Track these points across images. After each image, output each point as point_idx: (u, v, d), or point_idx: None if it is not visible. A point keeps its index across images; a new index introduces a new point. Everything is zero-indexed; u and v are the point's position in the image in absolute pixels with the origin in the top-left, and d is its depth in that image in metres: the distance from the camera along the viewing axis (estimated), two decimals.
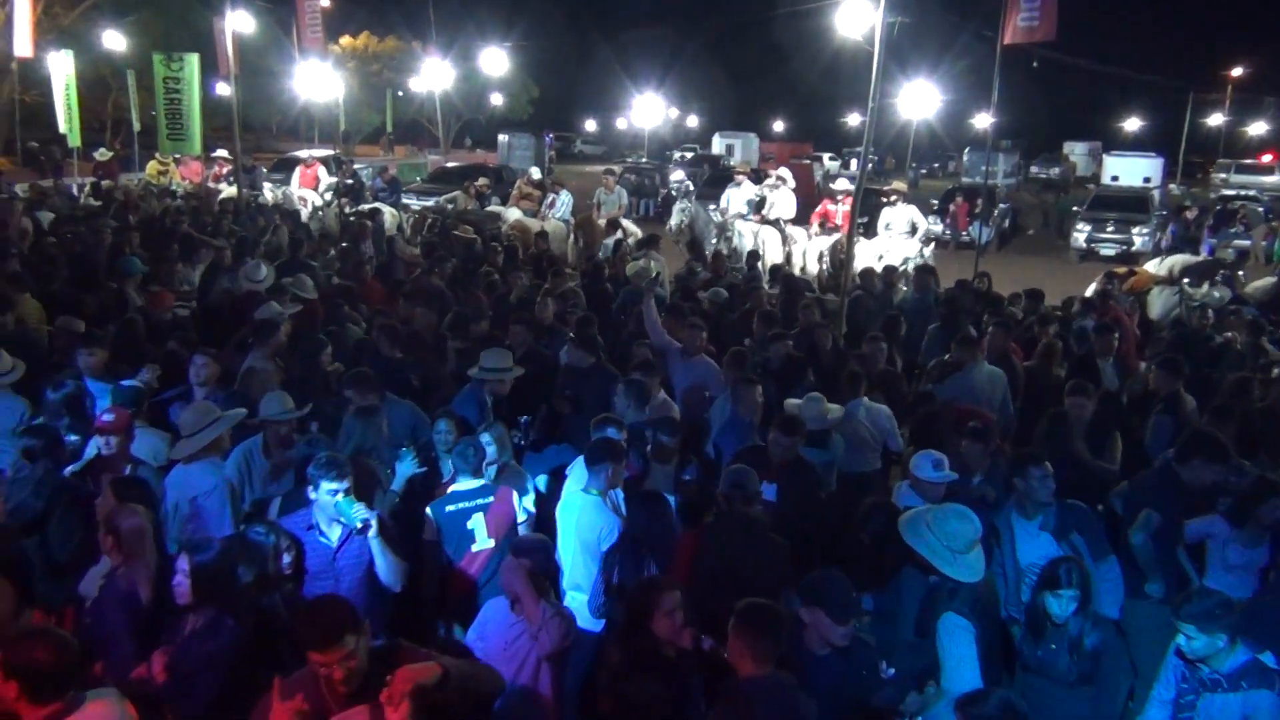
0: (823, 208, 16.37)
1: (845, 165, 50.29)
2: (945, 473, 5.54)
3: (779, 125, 74.35)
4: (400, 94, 49.74)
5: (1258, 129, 63.34)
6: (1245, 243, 23.21)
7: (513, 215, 17.37)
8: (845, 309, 10.78)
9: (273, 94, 39.55)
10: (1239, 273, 14.99)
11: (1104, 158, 44.49)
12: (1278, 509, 5.18)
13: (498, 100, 53.51)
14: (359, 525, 4.52)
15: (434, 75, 34.36)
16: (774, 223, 16.10)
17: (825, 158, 51.58)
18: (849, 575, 4.23)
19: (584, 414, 6.46)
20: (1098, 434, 6.71)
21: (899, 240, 15.29)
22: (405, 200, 21.46)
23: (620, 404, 6.33)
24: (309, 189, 19.10)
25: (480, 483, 5.40)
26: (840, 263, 12.52)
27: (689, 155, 48.31)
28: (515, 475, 5.78)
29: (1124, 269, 14.43)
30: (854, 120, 64.51)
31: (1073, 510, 5.26)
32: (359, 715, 3.28)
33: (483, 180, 21.55)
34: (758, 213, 16.31)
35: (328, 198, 18.85)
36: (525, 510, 5.54)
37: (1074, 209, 27.02)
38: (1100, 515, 5.73)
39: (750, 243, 15.35)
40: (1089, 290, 12.28)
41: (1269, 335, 10.04)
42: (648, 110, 50.04)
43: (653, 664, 4.02)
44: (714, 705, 3.85)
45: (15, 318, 8.30)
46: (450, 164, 30.79)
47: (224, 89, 25.43)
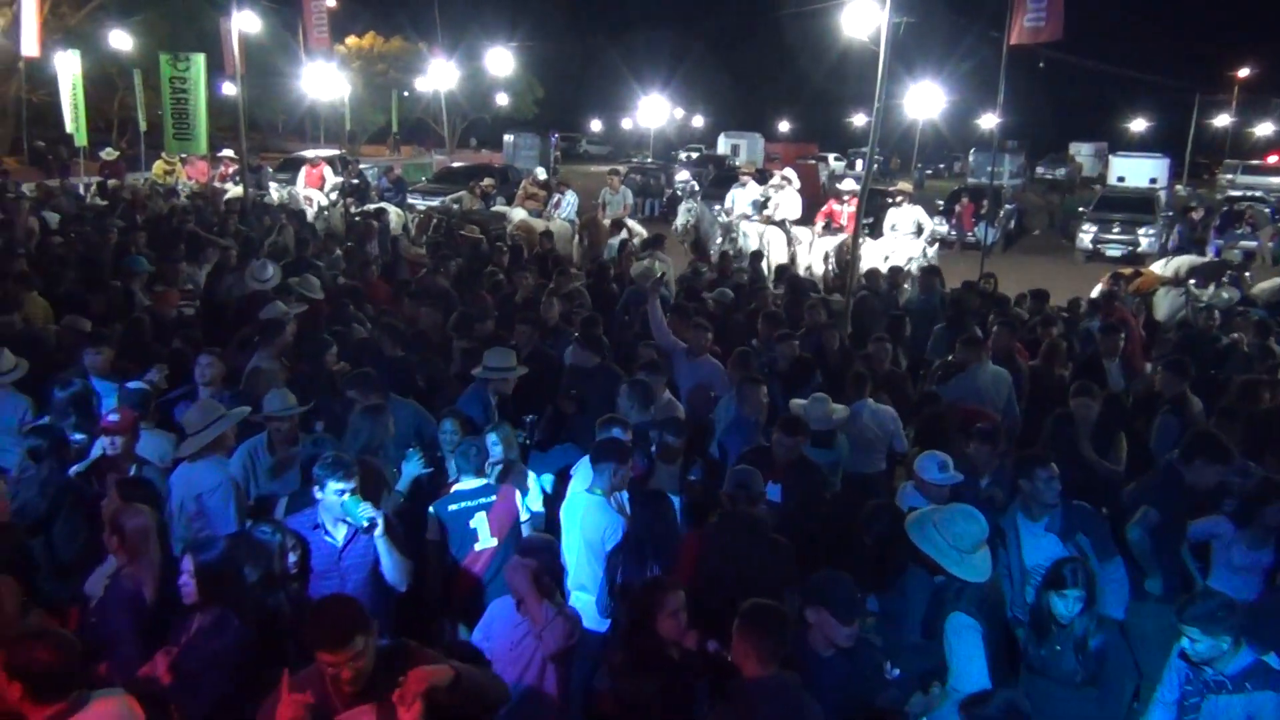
0: (828, 208, 16.35)
1: (850, 165, 50.15)
2: (950, 474, 5.52)
3: (784, 125, 74.21)
4: (406, 94, 49.92)
5: (1264, 130, 63.07)
6: (1252, 244, 23.11)
7: (518, 215, 17.36)
8: (850, 309, 10.77)
9: (279, 94, 39.66)
10: (1245, 274, 14.92)
11: (1110, 158, 44.47)
12: None
13: (503, 100, 53.58)
14: (365, 524, 4.54)
15: (439, 75, 34.41)
16: (779, 223, 16.08)
17: (830, 158, 51.49)
18: (853, 576, 4.22)
19: (589, 414, 6.46)
20: (1103, 435, 6.71)
21: (904, 241, 15.27)
22: (410, 200, 21.46)
23: (624, 404, 6.32)
24: (315, 189, 19.12)
25: (483, 482, 5.40)
26: (845, 263, 12.50)
27: (694, 155, 48.27)
28: (518, 474, 5.79)
29: (1130, 270, 14.40)
30: (859, 120, 64.57)
31: (1078, 511, 5.25)
32: (365, 714, 3.28)
33: (488, 180, 21.52)
34: (761, 213, 16.30)
35: (333, 197, 18.87)
36: (528, 509, 5.54)
37: (1080, 210, 26.96)
38: (1105, 516, 5.72)
39: (755, 243, 15.33)
40: (1094, 291, 12.25)
41: (1276, 336, 10.00)
42: (653, 110, 50.12)
43: (656, 664, 4.02)
44: (718, 706, 3.85)
45: (22, 317, 8.33)
46: (455, 164, 30.76)
47: (230, 89, 25.36)
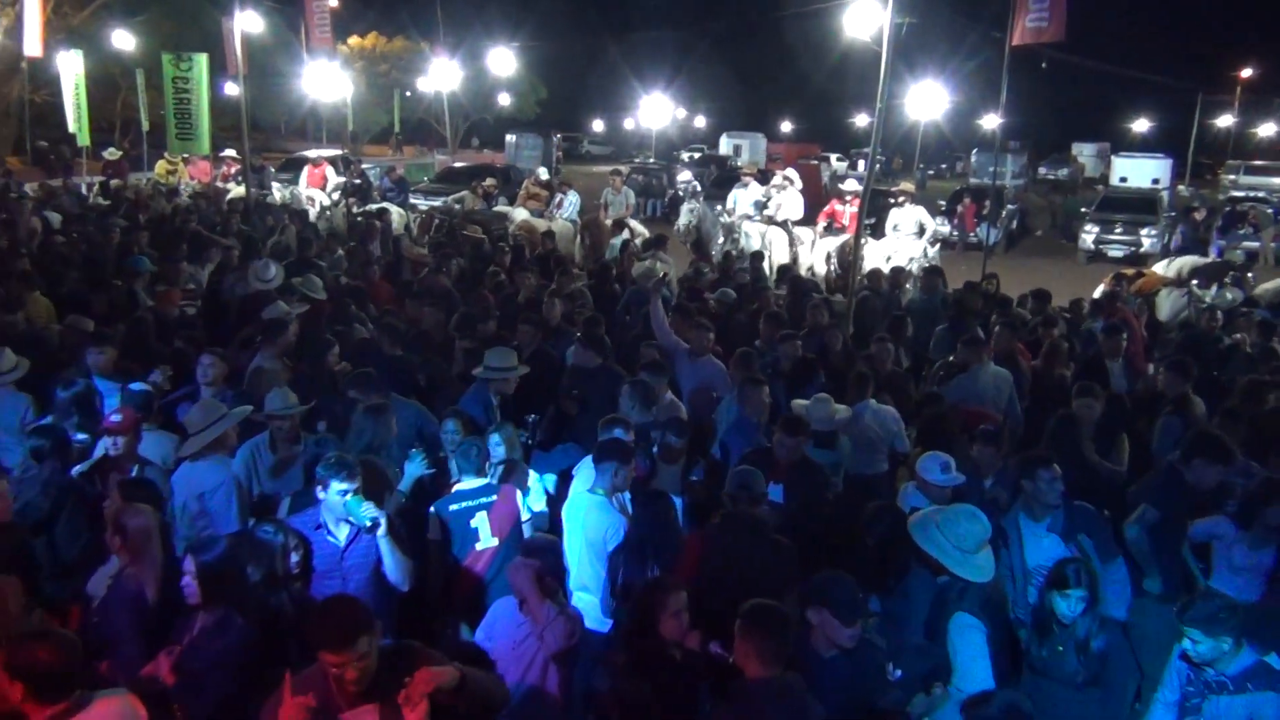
0: (830, 208, 16.36)
1: (853, 166, 50.09)
2: (953, 475, 5.52)
3: (786, 126, 74.16)
4: (408, 94, 49.90)
5: (1267, 130, 62.98)
6: (1254, 244, 23.07)
7: (520, 215, 17.37)
8: (852, 310, 10.76)
9: (281, 94, 39.60)
10: (1248, 274, 14.90)
11: (1112, 159, 44.47)
12: None
13: (505, 100, 53.55)
14: (368, 524, 4.54)
15: (442, 75, 34.34)
16: (781, 223, 16.09)
17: (833, 158, 51.45)
18: (855, 577, 4.22)
19: (591, 414, 6.45)
20: (1105, 436, 6.70)
21: (906, 241, 15.27)
22: (413, 200, 21.47)
23: (626, 405, 6.30)
24: (317, 189, 19.14)
25: (484, 482, 5.40)
26: (848, 263, 12.50)
27: (696, 156, 48.26)
28: (519, 474, 5.79)
29: (1132, 270, 14.40)
30: (862, 121, 64.47)
31: (1080, 512, 5.25)
32: (368, 714, 3.29)
33: (490, 180, 21.51)
34: (762, 213, 16.30)
35: (335, 197, 18.88)
36: (529, 509, 5.53)
37: (1082, 210, 26.93)
38: (1107, 518, 5.72)
39: (758, 243, 15.33)
40: (1097, 292, 12.24)
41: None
42: (655, 110, 50.02)
43: (658, 665, 4.02)
44: (720, 707, 3.84)
45: (25, 316, 8.34)
46: (458, 164, 30.74)
47: (232, 89, 25.43)
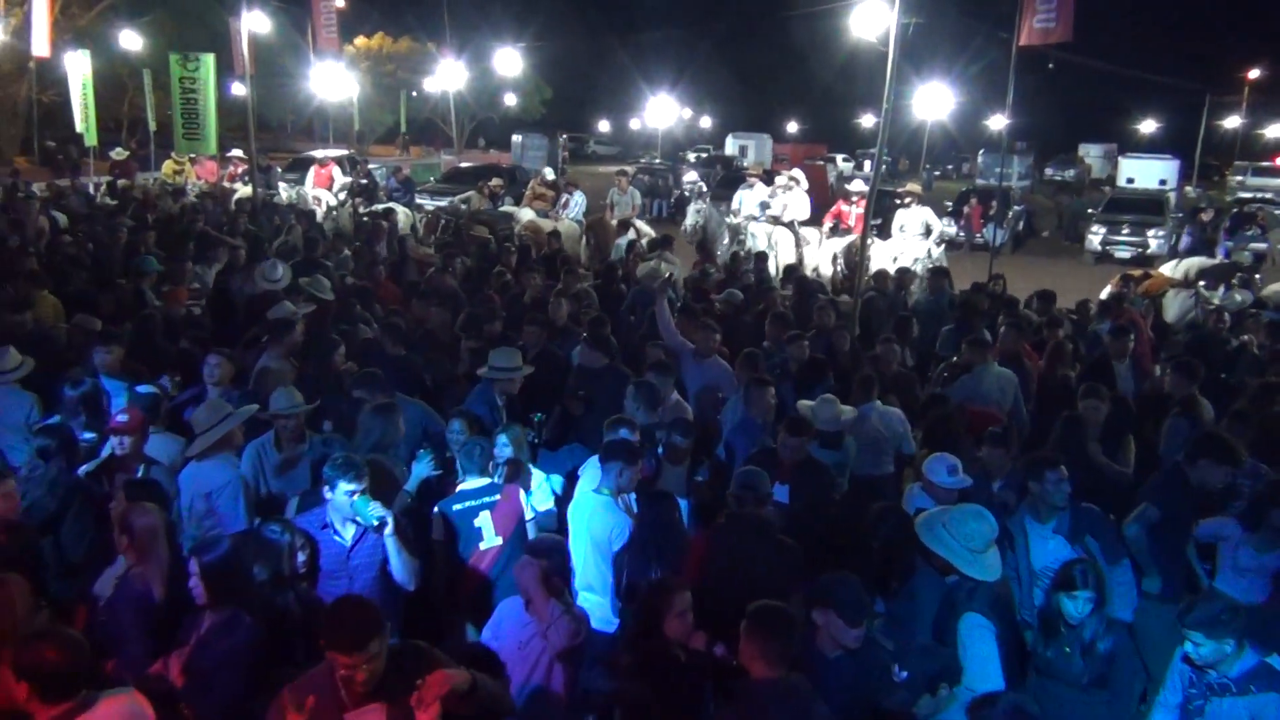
0: (836, 209, 16.34)
1: (859, 166, 50.12)
2: (960, 478, 5.50)
3: (793, 126, 74.10)
4: (414, 94, 49.91)
5: (1274, 131, 62.82)
6: (1262, 245, 22.99)
7: (526, 215, 17.38)
8: (858, 311, 10.74)
9: (288, 94, 39.71)
10: (1256, 276, 14.86)
11: (1119, 160, 44.25)
12: None
13: (511, 101, 53.60)
14: (375, 524, 4.55)
15: (448, 75, 34.41)
16: (788, 224, 16.07)
17: (839, 159, 51.40)
18: (861, 578, 4.21)
19: (596, 415, 6.44)
20: (1111, 437, 6.68)
21: (913, 242, 15.25)
22: (419, 200, 21.50)
23: (630, 406, 6.31)
24: (323, 189, 19.15)
25: (487, 481, 5.41)
26: (854, 264, 12.48)
27: (702, 156, 48.23)
28: (522, 473, 5.79)
29: (1139, 272, 14.36)
30: (868, 121, 64.26)
31: (1086, 514, 5.24)
32: (374, 713, 3.30)
33: (496, 180, 21.52)
34: (766, 213, 16.27)
35: (342, 197, 18.90)
36: (533, 508, 5.54)
37: (1089, 211, 26.88)
38: (1113, 519, 5.70)
39: (763, 244, 15.32)
40: (1104, 293, 12.22)
41: None
42: (661, 111, 50.01)
43: (663, 666, 4.02)
44: (725, 707, 3.84)
45: (33, 316, 8.35)
46: (464, 164, 30.82)
47: (239, 89, 25.52)
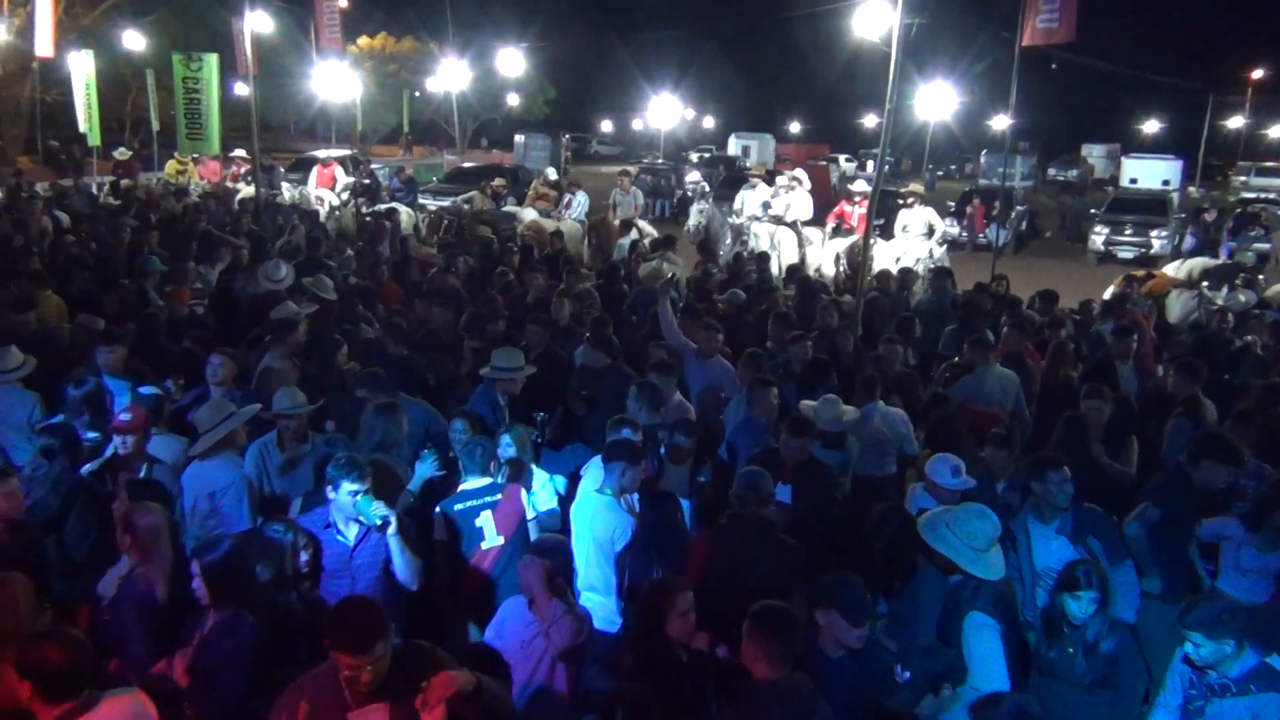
0: (839, 209, 16.33)
1: (862, 167, 50.15)
2: (963, 479, 5.49)
3: (795, 126, 74.13)
4: (417, 94, 49.89)
5: (1278, 131, 62.79)
6: (1265, 246, 22.95)
7: (528, 215, 17.37)
8: (860, 311, 10.73)
9: (291, 94, 39.71)
10: (1259, 276, 14.84)
11: (1122, 160, 44.31)
12: None
13: (514, 101, 53.55)
14: (378, 523, 4.55)
15: (450, 76, 34.40)
16: (790, 224, 16.07)
17: (842, 159, 51.46)
18: (863, 579, 4.21)
19: (599, 415, 6.44)
20: (1114, 438, 6.68)
21: (915, 242, 15.24)
22: (421, 200, 21.51)
23: (633, 406, 6.31)
24: (326, 189, 19.17)
25: (488, 480, 5.41)
26: (857, 264, 12.47)
27: (705, 156, 48.24)
28: (524, 473, 5.79)
29: (1142, 272, 14.35)
30: (871, 122, 64.29)
31: (1089, 514, 5.23)
32: (377, 713, 3.30)
33: (499, 180, 21.52)
34: (768, 213, 16.26)
35: (345, 197, 18.92)
36: (534, 507, 5.55)
37: (1092, 212, 26.85)
38: (1116, 520, 5.70)
39: (766, 244, 15.32)
40: (1106, 293, 12.20)
41: None
42: (664, 111, 50.02)
43: (665, 666, 4.02)
44: (728, 708, 3.83)
45: (36, 315, 8.37)
46: (467, 164, 30.84)
47: (242, 89, 25.54)
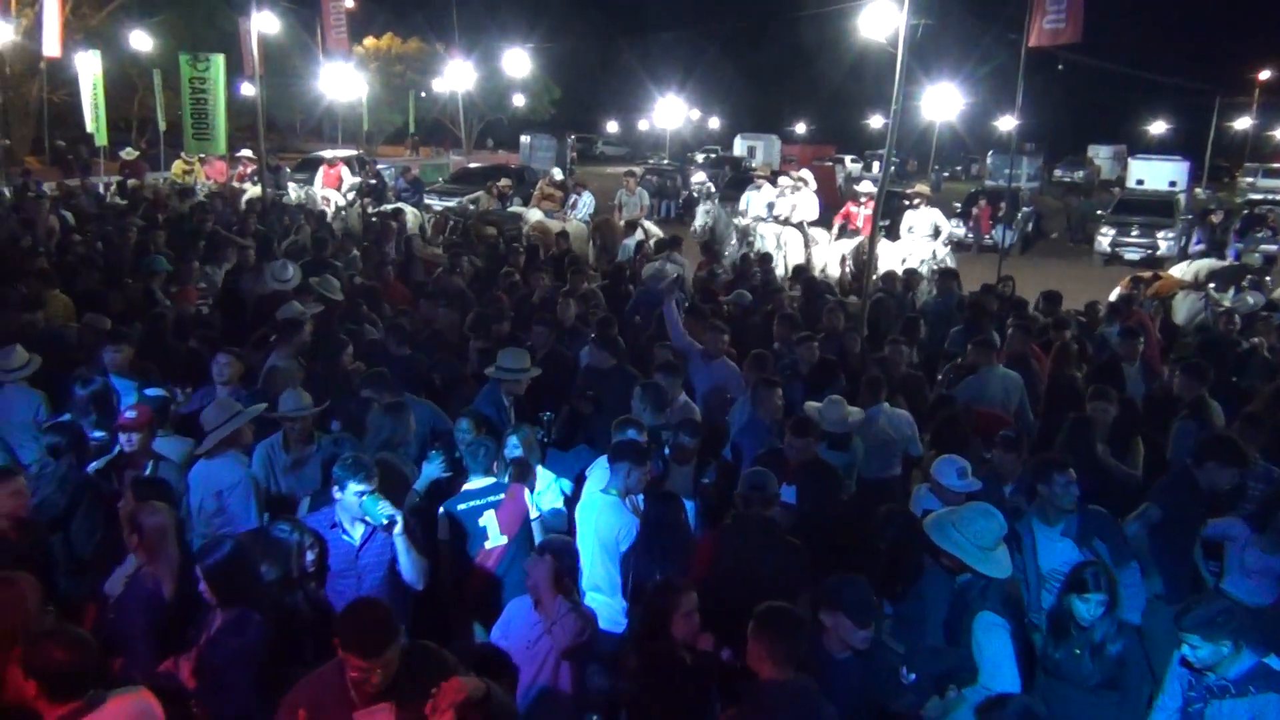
0: (845, 210, 16.31)
1: (868, 167, 50.00)
2: (969, 481, 5.49)
3: (801, 127, 73.98)
4: (423, 95, 49.94)
5: None
6: (1272, 247, 22.83)
7: (534, 216, 17.39)
8: (866, 312, 10.72)
9: (297, 94, 39.75)
10: (1266, 278, 14.81)
11: (1129, 161, 44.16)
12: None
13: (520, 101, 53.57)
14: (384, 523, 4.56)
15: (456, 76, 34.43)
16: (797, 225, 16.05)
17: (847, 160, 51.34)
18: (868, 580, 4.20)
19: (605, 415, 6.45)
20: (1120, 439, 6.66)
21: (921, 243, 15.23)
22: (427, 200, 21.53)
23: (637, 406, 6.31)
24: (332, 189, 19.19)
25: (491, 480, 5.42)
26: (863, 265, 12.46)
27: (710, 157, 48.21)
28: (527, 472, 5.79)
29: (1148, 273, 14.32)
30: (877, 122, 64.24)
31: (1094, 516, 5.21)
32: (383, 712, 3.31)
33: (505, 181, 21.55)
34: (772, 214, 16.24)
35: (350, 198, 18.94)
36: (538, 506, 5.55)
37: (1098, 213, 26.78)
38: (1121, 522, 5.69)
39: (772, 245, 15.30)
40: (1113, 295, 12.18)
41: None
42: (669, 112, 50.10)
43: (669, 666, 4.02)
44: (732, 709, 3.84)
45: (44, 315, 8.39)
46: (472, 164, 30.83)
47: (249, 89, 25.55)
